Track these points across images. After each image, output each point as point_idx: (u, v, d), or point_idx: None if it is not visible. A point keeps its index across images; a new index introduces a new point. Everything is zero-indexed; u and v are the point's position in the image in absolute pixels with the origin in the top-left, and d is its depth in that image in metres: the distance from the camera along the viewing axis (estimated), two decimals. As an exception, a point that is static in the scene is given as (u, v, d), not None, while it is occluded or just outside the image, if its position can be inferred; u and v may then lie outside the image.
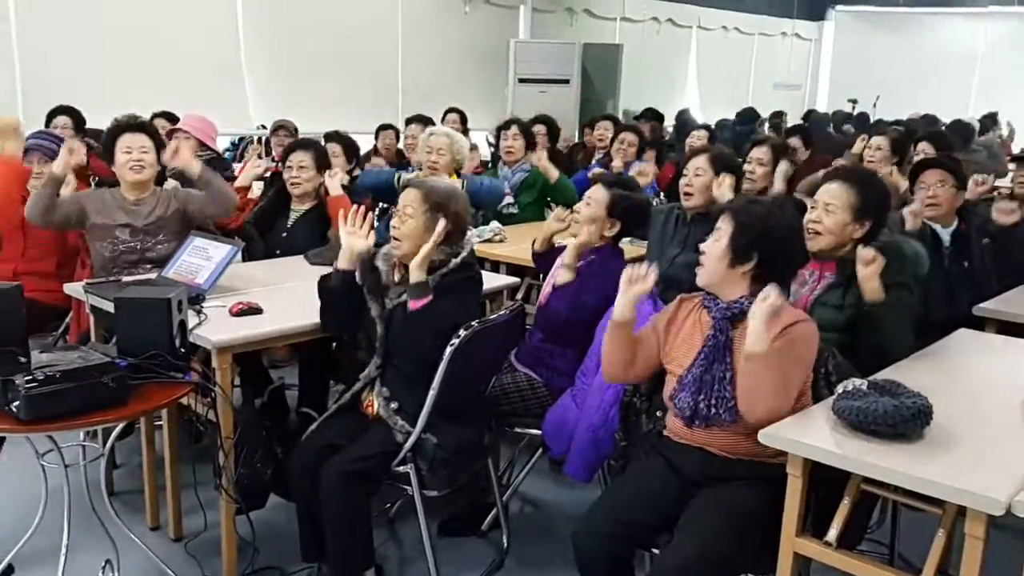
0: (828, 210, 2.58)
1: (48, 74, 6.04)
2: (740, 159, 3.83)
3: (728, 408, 2.09)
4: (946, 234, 3.34)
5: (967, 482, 1.68)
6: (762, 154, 4.02)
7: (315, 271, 3.31)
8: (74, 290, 3.09)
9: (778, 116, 9.52)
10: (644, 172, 4.75)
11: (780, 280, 2.12)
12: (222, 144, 6.44)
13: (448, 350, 2.42)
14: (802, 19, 14.93)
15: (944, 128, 7.91)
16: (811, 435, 1.91)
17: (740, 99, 12.20)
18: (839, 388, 2.00)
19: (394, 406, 2.56)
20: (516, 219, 4.67)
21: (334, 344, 3.36)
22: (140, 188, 3.29)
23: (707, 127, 6.97)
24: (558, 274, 2.98)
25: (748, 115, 8.89)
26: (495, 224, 4.24)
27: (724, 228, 2.19)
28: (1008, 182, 5.15)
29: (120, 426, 2.45)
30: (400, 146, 6.50)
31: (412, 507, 2.61)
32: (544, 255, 3.35)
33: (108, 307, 2.73)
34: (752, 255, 2.14)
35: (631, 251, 3.49)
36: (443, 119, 6.66)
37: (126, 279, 3.05)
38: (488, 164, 6.16)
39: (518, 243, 4.00)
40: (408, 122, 6.11)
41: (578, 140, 7.50)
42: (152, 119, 4.67)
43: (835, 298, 2.57)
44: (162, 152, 3.34)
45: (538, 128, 5.53)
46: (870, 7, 15.22)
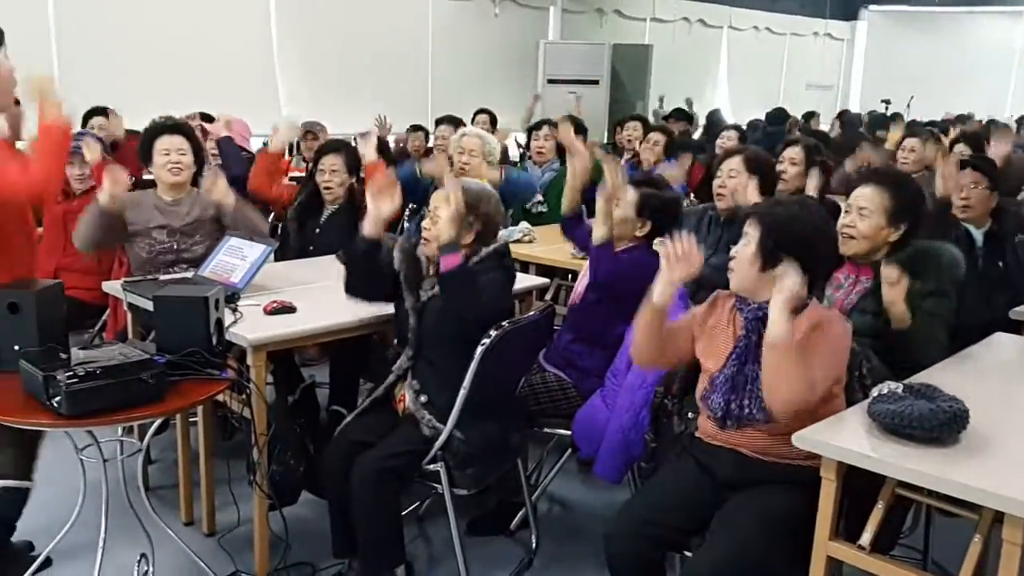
0: (862, 214, 2.56)
1: (85, 76, 6.14)
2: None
3: (761, 408, 2.09)
4: (979, 234, 3.32)
5: (1006, 487, 1.66)
6: (795, 154, 3.98)
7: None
8: (112, 288, 3.15)
9: (810, 116, 9.44)
10: (674, 177, 4.70)
11: (813, 282, 2.11)
12: (255, 144, 6.51)
13: (479, 349, 2.43)
14: (834, 19, 14.79)
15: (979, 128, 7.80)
16: (845, 438, 1.89)
17: (771, 99, 12.11)
18: (874, 391, 1.98)
19: (423, 399, 2.58)
20: (545, 219, 4.68)
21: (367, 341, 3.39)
22: (178, 189, 3.34)
23: (737, 128, 6.93)
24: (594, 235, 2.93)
25: (778, 116, 8.82)
26: (524, 225, 4.25)
27: (751, 233, 2.18)
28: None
29: (157, 422, 2.49)
30: (430, 146, 6.53)
31: (441, 506, 2.63)
32: (573, 222, 3.26)
33: (146, 305, 2.78)
34: (782, 258, 2.13)
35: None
36: (473, 120, 6.69)
37: (163, 278, 3.10)
38: (516, 164, 6.18)
39: (547, 244, 4.00)
40: (438, 123, 6.14)
41: (608, 140, 7.47)
42: (187, 119, 4.73)
43: (872, 304, 2.54)
44: (205, 138, 3.39)
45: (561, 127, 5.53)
46: (904, 6, 15.05)
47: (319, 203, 3.89)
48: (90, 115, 5.05)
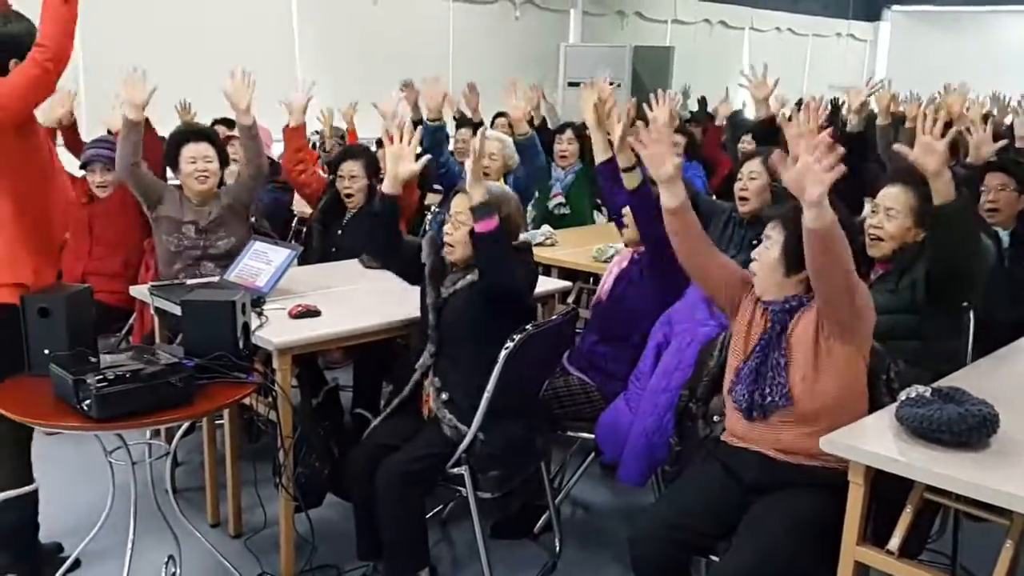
0: (889, 215, 2.55)
1: (109, 81, 6.20)
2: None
3: (784, 395, 2.09)
4: (1005, 235, 3.30)
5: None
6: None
7: (369, 274, 3.37)
8: (140, 292, 3.19)
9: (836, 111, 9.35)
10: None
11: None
12: (277, 149, 6.55)
13: (502, 353, 2.44)
14: (857, 20, 14.68)
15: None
16: (873, 442, 1.88)
17: (794, 101, 12.02)
18: (902, 395, 1.97)
19: (444, 398, 2.58)
20: (567, 221, 4.68)
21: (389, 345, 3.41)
22: (204, 196, 3.40)
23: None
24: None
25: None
26: (546, 228, 4.26)
27: (775, 237, 2.16)
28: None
29: (185, 425, 2.52)
30: (450, 149, 6.54)
31: (464, 509, 2.63)
32: (608, 167, 3.00)
33: (173, 309, 2.81)
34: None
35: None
36: (492, 123, 6.69)
37: (190, 282, 3.14)
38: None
39: (569, 247, 4.01)
40: (459, 126, 6.15)
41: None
42: (212, 125, 4.78)
43: (890, 283, 2.56)
44: (227, 143, 3.45)
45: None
46: (928, 6, 14.89)
47: (342, 207, 3.94)
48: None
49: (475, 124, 6.01)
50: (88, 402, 2.03)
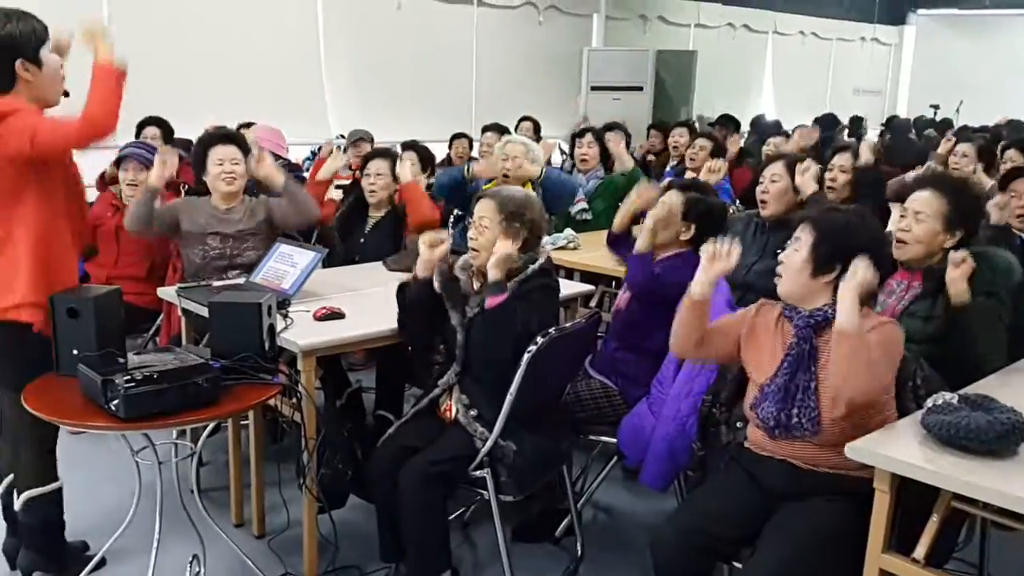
0: (918, 219, 2.52)
1: (137, 86, 6.27)
2: (821, 167, 3.76)
3: (811, 418, 2.06)
4: None
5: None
6: (844, 161, 3.94)
7: (394, 277, 3.38)
8: (167, 294, 3.22)
9: (857, 122, 9.32)
10: (714, 168, 4.60)
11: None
12: (302, 152, 6.60)
13: (525, 356, 2.44)
14: (882, 24, 14.57)
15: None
16: (899, 450, 1.87)
17: (818, 105, 11.96)
18: (928, 402, 1.95)
19: (473, 413, 2.59)
20: (590, 226, 4.68)
21: (409, 348, 3.42)
22: (231, 198, 3.42)
23: (785, 134, 6.85)
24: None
25: (829, 121, 8.71)
26: (569, 231, 4.26)
27: (804, 238, 2.15)
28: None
29: (210, 425, 2.54)
30: (474, 154, 6.57)
31: (486, 512, 2.63)
32: (620, 240, 3.25)
33: (201, 311, 2.84)
34: (835, 265, 2.10)
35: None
36: (516, 127, 6.71)
37: (216, 284, 3.17)
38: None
39: (592, 250, 4.00)
40: (484, 130, 6.18)
41: (663, 147, 7.26)
42: (238, 129, 4.82)
43: (923, 309, 2.51)
44: (248, 158, 3.46)
45: (611, 135, 5.53)
46: (953, 10, 14.76)
47: (364, 213, 3.95)
48: (144, 125, 5.15)
49: (501, 128, 6.04)
50: (116, 402, 2.06)
